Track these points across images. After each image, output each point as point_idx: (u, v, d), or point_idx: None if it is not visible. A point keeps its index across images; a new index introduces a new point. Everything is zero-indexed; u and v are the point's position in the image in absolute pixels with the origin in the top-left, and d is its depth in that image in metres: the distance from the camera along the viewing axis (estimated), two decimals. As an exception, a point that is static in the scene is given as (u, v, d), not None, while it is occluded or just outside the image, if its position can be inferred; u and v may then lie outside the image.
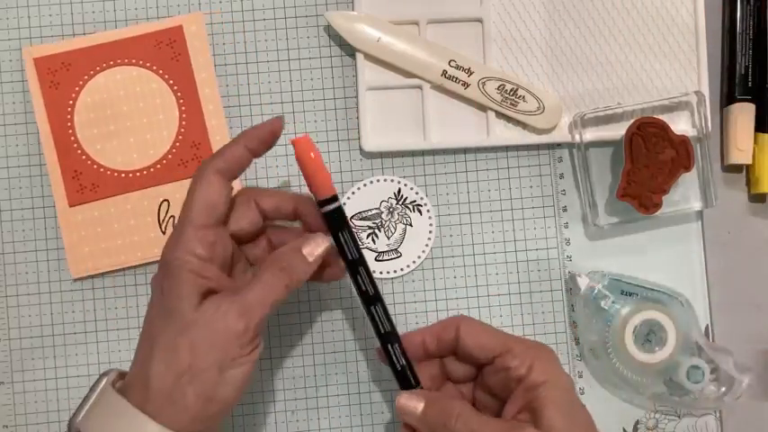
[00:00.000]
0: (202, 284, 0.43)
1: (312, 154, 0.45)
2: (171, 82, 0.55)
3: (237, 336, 0.42)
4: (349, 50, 0.56)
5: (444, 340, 0.47)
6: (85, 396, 0.44)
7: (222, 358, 0.42)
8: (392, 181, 0.56)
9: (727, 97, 0.57)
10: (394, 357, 0.47)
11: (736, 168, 0.58)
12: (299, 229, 0.49)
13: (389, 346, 0.47)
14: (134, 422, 0.41)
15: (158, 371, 0.42)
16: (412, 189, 0.56)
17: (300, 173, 0.46)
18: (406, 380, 0.47)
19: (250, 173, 0.56)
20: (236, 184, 0.48)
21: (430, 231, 0.56)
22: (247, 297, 0.43)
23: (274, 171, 0.56)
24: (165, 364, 0.42)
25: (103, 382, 0.44)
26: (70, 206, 0.55)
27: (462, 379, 0.48)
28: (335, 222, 0.46)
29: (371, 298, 0.47)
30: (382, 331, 0.47)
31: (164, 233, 0.55)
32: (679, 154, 0.54)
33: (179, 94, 0.56)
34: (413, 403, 0.45)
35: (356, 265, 0.46)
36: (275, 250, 0.46)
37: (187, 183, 0.54)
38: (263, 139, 0.46)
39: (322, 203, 0.46)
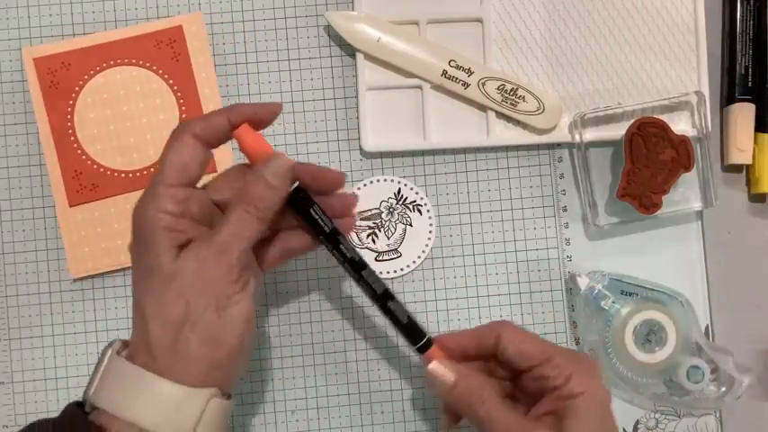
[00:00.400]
0: (177, 237, 0.42)
1: (254, 145, 0.44)
2: (171, 82, 0.55)
3: (222, 274, 0.42)
4: (349, 50, 0.56)
5: (484, 346, 0.46)
6: (94, 369, 0.43)
7: (216, 299, 0.41)
8: (392, 181, 0.56)
9: (727, 97, 0.57)
10: (398, 313, 0.46)
11: (736, 168, 0.58)
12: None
13: (389, 305, 0.46)
14: (146, 383, 0.41)
15: (155, 329, 0.41)
16: (412, 189, 0.56)
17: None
18: (415, 332, 0.46)
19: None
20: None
21: (430, 231, 0.56)
22: (221, 235, 0.42)
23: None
24: (159, 320, 0.41)
25: (109, 353, 0.43)
26: (70, 206, 0.55)
27: (499, 377, 0.47)
28: (301, 202, 0.45)
29: (358, 264, 0.46)
30: (378, 292, 0.46)
31: (164, 233, 0.55)
32: (679, 154, 0.54)
33: (179, 94, 0.56)
34: (445, 375, 0.45)
35: (335, 236, 0.46)
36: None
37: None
38: (248, 118, 0.45)
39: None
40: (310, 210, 0.45)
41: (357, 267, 0.46)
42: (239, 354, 0.43)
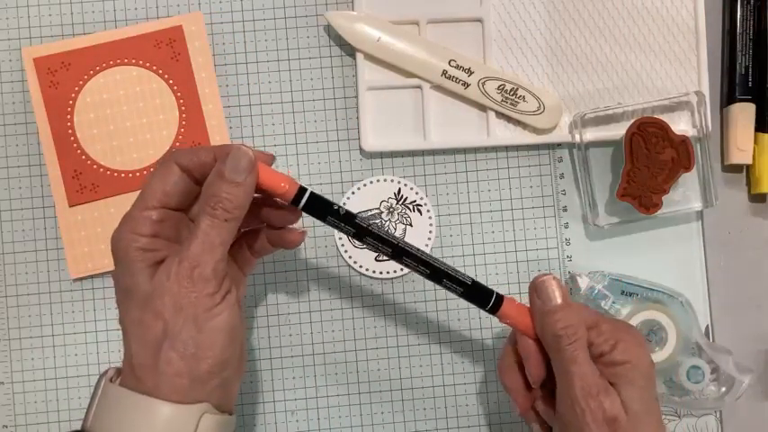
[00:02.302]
0: (151, 257, 0.42)
1: (258, 170, 0.43)
2: (171, 82, 0.55)
3: (199, 289, 0.41)
4: (349, 50, 0.56)
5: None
6: (90, 398, 0.44)
7: (194, 313, 0.41)
8: (392, 181, 0.56)
9: (728, 97, 0.57)
10: (458, 279, 0.45)
11: (737, 168, 0.58)
12: None
13: (446, 279, 0.45)
14: (137, 405, 0.41)
15: (136, 349, 0.41)
16: (412, 189, 0.56)
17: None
18: (482, 290, 0.45)
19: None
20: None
21: (430, 231, 0.56)
22: (192, 249, 0.41)
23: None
24: (139, 340, 0.41)
25: (103, 381, 0.43)
26: (70, 206, 0.55)
27: None
28: (318, 210, 0.44)
29: (398, 250, 0.45)
30: (428, 272, 0.45)
31: (164, 233, 0.55)
32: (679, 154, 0.54)
33: (179, 94, 0.55)
34: (555, 293, 0.44)
35: (364, 232, 0.44)
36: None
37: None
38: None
39: (295, 203, 0.44)
40: (328, 216, 0.44)
41: (398, 253, 0.45)
42: (226, 365, 0.42)
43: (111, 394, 0.42)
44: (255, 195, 0.43)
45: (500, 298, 0.46)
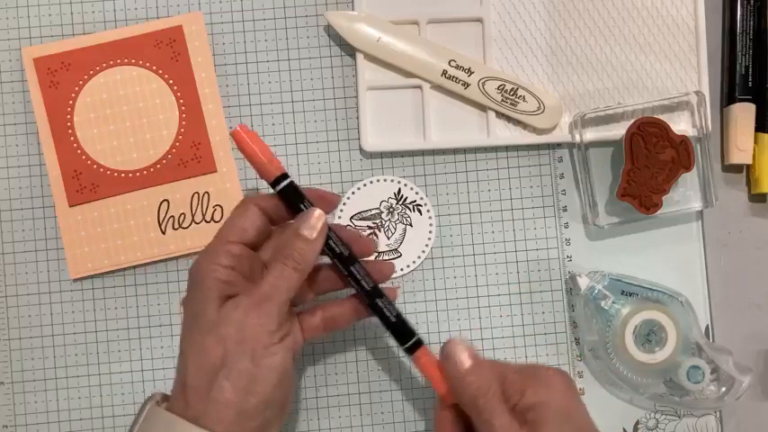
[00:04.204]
0: (226, 289, 0.44)
1: (250, 142, 0.46)
2: (171, 82, 0.55)
3: (260, 324, 0.43)
4: (349, 50, 0.56)
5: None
6: (133, 421, 0.45)
7: (253, 348, 0.43)
8: (392, 181, 0.56)
9: (728, 97, 0.57)
10: (386, 311, 0.47)
11: (737, 168, 0.58)
12: None
13: (379, 301, 0.47)
14: (179, 429, 0.42)
15: (192, 372, 0.43)
16: (412, 189, 0.56)
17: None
18: (403, 328, 0.47)
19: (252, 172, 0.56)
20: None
21: (430, 231, 0.56)
22: (261, 288, 0.44)
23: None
24: (197, 364, 0.43)
25: (149, 405, 0.45)
26: (70, 206, 0.55)
27: None
28: (292, 198, 0.46)
29: (348, 259, 0.47)
30: (368, 288, 0.47)
31: (163, 233, 0.55)
32: (679, 154, 0.54)
33: (179, 93, 0.55)
34: (463, 356, 0.44)
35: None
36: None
37: (187, 183, 0.55)
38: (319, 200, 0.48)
39: (274, 184, 0.46)
40: (300, 205, 0.46)
41: (345, 262, 0.47)
42: (272, 405, 0.44)
43: (155, 418, 0.43)
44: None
45: (419, 343, 0.47)
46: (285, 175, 0.46)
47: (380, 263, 0.50)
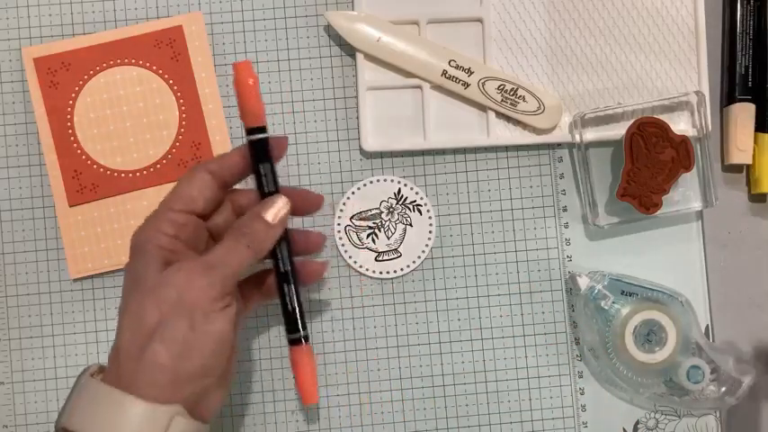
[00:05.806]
0: (167, 256, 0.43)
1: (251, 81, 0.45)
2: (171, 82, 0.55)
3: (202, 289, 0.42)
4: (349, 50, 0.56)
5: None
6: (69, 394, 0.44)
7: (192, 313, 0.42)
8: (392, 181, 0.56)
9: (728, 97, 0.57)
10: (287, 298, 0.47)
11: (737, 168, 0.58)
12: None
13: (285, 286, 0.47)
14: (110, 400, 0.41)
15: (128, 336, 0.42)
16: (412, 189, 0.56)
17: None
18: (294, 323, 0.47)
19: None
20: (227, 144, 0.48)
21: (430, 231, 0.56)
22: (208, 257, 0.43)
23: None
24: (133, 327, 0.42)
25: (84, 376, 0.43)
26: (70, 206, 0.55)
27: None
28: (259, 153, 0.46)
29: (281, 241, 0.47)
30: (282, 270, 0.47)
31: (164, 233, 0.55)
32: (679, 154, 0.54)
33: (179, 94, 0.55)
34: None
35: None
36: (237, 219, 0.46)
37: (187, 183, 0.55)
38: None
39: (250, 132, 0.46)
40: (260, 166, 0.46)
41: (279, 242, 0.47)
42: (209, 373, 0.43)
43: (86, 388, 0.42)
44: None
45: (301, 341, 0.48)
46: (264, 129, 0.46)
47: (311, 233, 0.50)
